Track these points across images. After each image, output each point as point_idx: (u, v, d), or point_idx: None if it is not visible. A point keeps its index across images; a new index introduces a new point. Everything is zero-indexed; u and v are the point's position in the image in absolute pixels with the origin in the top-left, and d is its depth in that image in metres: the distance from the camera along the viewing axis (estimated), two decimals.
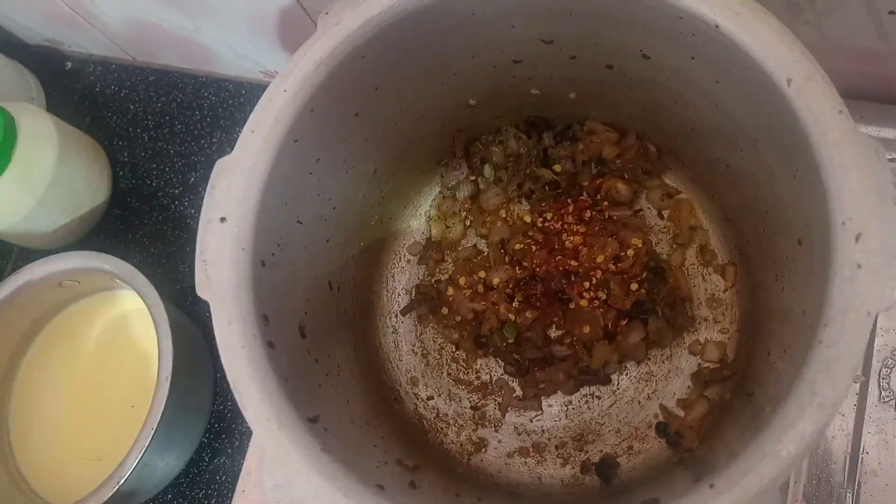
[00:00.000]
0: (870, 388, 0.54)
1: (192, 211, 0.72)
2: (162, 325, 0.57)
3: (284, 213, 0.43)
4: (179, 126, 0.76)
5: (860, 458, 0.53)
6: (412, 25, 0.42)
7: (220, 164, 0.40)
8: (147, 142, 0.77)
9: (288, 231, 0.44)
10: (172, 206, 0.74)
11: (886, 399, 0.54)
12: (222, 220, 0.39)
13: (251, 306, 0.39)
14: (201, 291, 0.39)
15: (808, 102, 0.35)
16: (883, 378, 0.54)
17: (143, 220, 0.74)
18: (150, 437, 0.54)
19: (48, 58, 0.82)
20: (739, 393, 0.47)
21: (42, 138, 0.67)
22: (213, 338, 0.64)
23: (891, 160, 0.56)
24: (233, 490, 0.60)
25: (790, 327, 0.40)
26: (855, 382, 0.54)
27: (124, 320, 0.67)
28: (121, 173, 0.76)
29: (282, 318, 0.42)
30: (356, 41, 0.41)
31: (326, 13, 0.42)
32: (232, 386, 0.37)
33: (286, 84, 0.41)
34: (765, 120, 0.39)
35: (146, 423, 0.54)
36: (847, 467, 0.53)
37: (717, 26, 0.37)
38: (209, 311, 0.38)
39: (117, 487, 0.53)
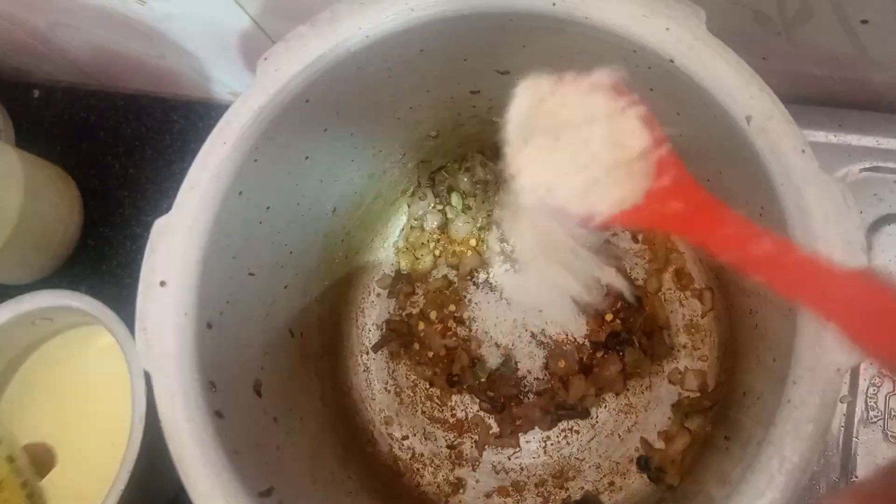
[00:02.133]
0: (857, 409, 0.52)
1: None
2: (134, 363, 0.55)
3: (233, 267, 0.41)
4: (150, 152, 0.75)
5: (849, 481, 0.51)
6: (357, 65, 0.40)
7: (159, 225, 0.39)
8: (118, 169, 0.75)
9: (238, 286, 0.42)
10: (145, 234, 0.71)
11: (874, 419, 0.52)
12: (162, 284, 0.38)
13: (195, 375, 0.37)
14: (143, 362, 0.37)
15: (769, 141, 0.33)
16: (870, 398, 0.52)
17: (117, 250, 0.72)
18: (125, 482, 0.53)
19: (15, 86, 0.80)
20: (720, 429, 0.46)
21: (7, 175, 0.65)
22: None
23: (870, 169, 0.55)
24: None
25: (763, 372, 0.38)
26: (842, 402, 0.52)
27: (100, 356, 0.65)
28: (92, 203, 0.74)
29: (233, 381, 0.40)
30: (298, 86, 0.39)
31: (265, 59, 0.40)
32: (176, 464, 0.35)
33: (225, 136, 0.39)
34: (728, 154, 0.37)
35: (122, 467, 0.53)
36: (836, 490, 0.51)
37: (671, 61, 0.35)
38: None
39: None
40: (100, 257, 0.72)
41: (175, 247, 0.38)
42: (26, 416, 0.64)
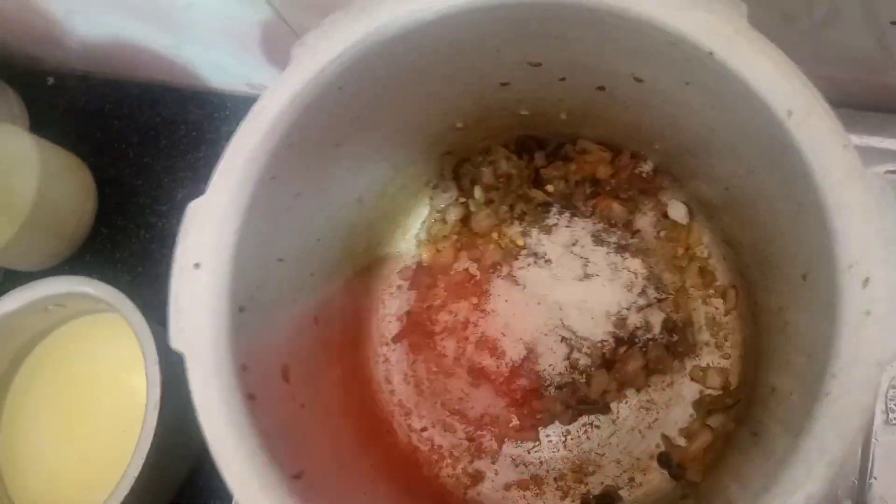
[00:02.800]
0: (876, 411, 0.52)
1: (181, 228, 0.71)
2: (149, 350, 0.56)
3: (263, 252, 0.41)
4: (165, 141, 0.75)
5: (868, 484, 0.51)
6: (391, 54, 0.40)
7: (192, 208, 0.38)
8: (132, 158, 0.75)
9: (268, 271, 0.42)
10: (160, 223, 0.73)
11: (893, 422, 0.52)
12: (196, 266, 0.37)
13: (229, 357, 0.37)
14: (175, 343, 0.37)
15: (810, 137, 0.33)
16: (890, 399, 0.52)
17: (131, 239, 0.73)
18: (139, 469, 0.53)
19: (29, 74, 0.81)
20: (744, 427, 0.46)
21: (24, 162, 0.65)
22: None
23: (892, 171, 0.55)
24: None
25: (795, 368, 0.38)
26: None
27: (112, 344, 0.65)
28: (107, 191, 0.74)
29: (263, 364, 0.40)
30: (332, 73, 0.39)
31: (300, 44, 0.40)
32: (210, 446, 0.35)
33: (260, 121, 0.39)
34: (764, 150, 0.37)
35: (135, 455, 0.53)
36: (855, 493, 0.51)
37: (711, 54, 0.35)
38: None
39: None
40: (113, 246, 0.72)
41: (209, 229, 0.38)
42: (36, 402, 0.64)
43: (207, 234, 0.38)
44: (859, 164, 0.32)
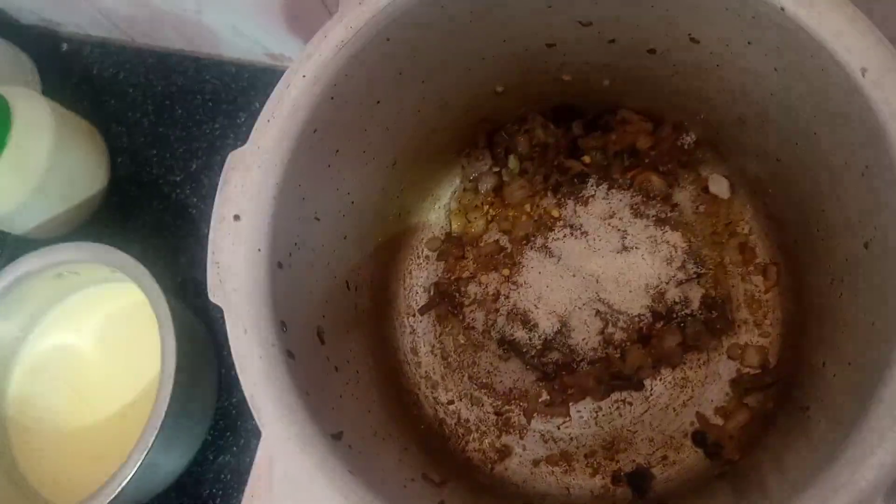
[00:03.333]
0: None
1: (195, 199, 0.69)
2: (164, 319, 0.54)
3: (302, 209, 0.40)
4: (180, 111, 0.73)
5: None
6: (440, 6, 0.39)
7: (234, 157, 0.37)
8: (147, 127, 0.73)
9: (305, 229, 0.41)
10: (173, 194, 0.71)
11: None
12: (236, 217, 0.36)
13: (268, 312, 0.36)
14: (214, 296, 0.36)
15: (886, 94, 0.32)
16: None
17: (143, 209, 0.71)
18: (153, 436, 0.51)
19: (44, 39, 0.79)
20: (786, 404, 0.44)
21: (38, 124, 0.64)
22: (217, 332, 0.62)
23: None
24: (238, 489, 0.58)
25: (852, 337, 0.37)
26: None
27: (125, 313, 0.64)
28: (119, 160, 0.72)
29: (300, 323, 0.39)
30: (381, 22, 0.38)
31: None
32: (249, 401, 0.34)
33: (305, 69, 0.37)
34: (830, 112, 0.36)
35: (149, 422, 0.52)
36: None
37: (782, 9, 0.34)
38: (215, 310, 0.35)
39: (120, 488, 0.51)
40: (125, 216, 0.71)
41: (250, 180, 0.37)
42: (46, 370, 0.63)
43: (248, 184, 0.37)
44: None
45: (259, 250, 0.36)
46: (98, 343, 0.64)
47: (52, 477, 0.61)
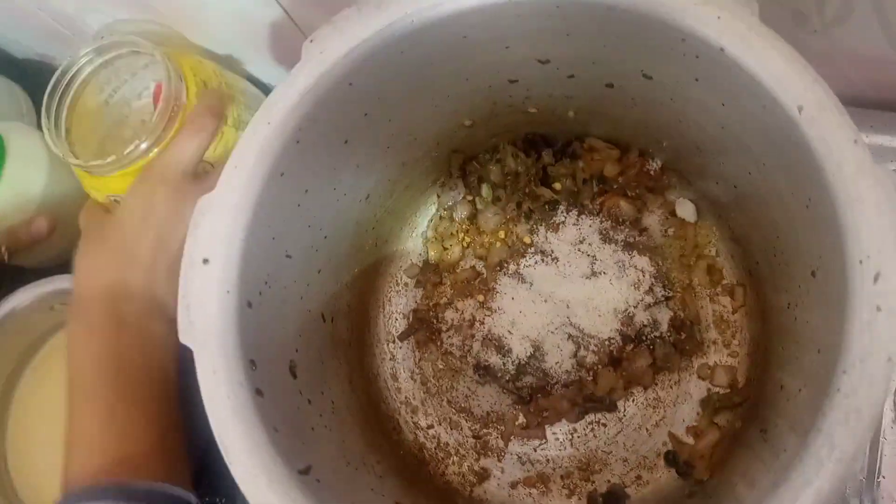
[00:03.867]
0: (885, 410, 0.52)
1: None
2: None
3: (272, 248, 0.41)
4: None
5: (876, 483, 0.51)
6: (401, 50, 0.40)
7: (203, 202, 0.39)
8: None
9: (276, 267, 0.42)
10: None
11: None
12: (205, 261, 0.38)
13: (237, 352, 0.37)
14: (184, 337, 0.37)
15: (822, 132, 0.33)
16: None
17: None
18: None
19: (38, 73, 0.80)
20: (752, 424, 0.45)
21: (32, 158, 0.65)
22: None
23: None
24: None
25: (805, 364, 0.38)
26: None
27: None
28: None
29: (271, 360, 0.40)
30: (342, 69, 0.39)
31: (311, 41, 0.40)
32: (217, 440, 0.35)
33: (270, 116, 0.39)
34: (775, 146, 0.37)
35: None
36: (863, 491, 0.51)
37: (722, 50, 0.35)
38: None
39: None
40: None
41: (219, 225, 0.38)
42: (44, 402, 0.64)
43: (217, 229, 0.38)
44: (870, 160, 0.32)
45: (228, 292, 0.37)
46: None
47: (44, 496, 0.62)
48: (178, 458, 0.47)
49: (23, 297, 0.61)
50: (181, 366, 0.52)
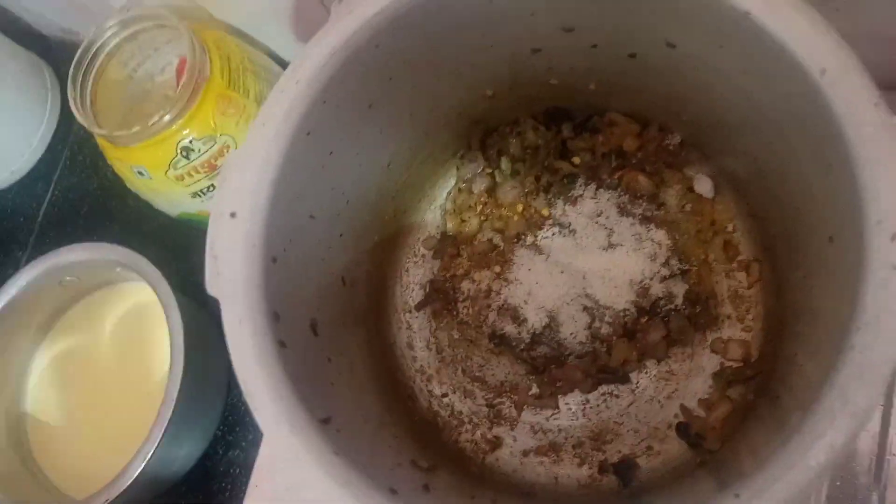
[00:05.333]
0: (892, 416, 0.52)
1: None
2: (173, 317, 0.56)
3: (296, 207, 0.42)
4: None
5: (886, 460, 0.51)
6: (428, 13, 0.41)
7: (230, 158, 0.39)
8: None
9: (300, 226, 0.43)
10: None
11: None
12: (233, 215, 0.38)
13: (262, 304, 0.38)
14: (211, 288, 0.38)
15: (843, 94, 0.33)
16: None
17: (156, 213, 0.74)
18: (162, 431, 0.54)
19: (64, 48, 0.82)
20: (764, 395, 0.46)
21: None
22: None
23: None
24: (246, 483, 0.60)
25: (820, 328, 0.38)
26: None
27: (132, 314, 0.66)
28: None
29: (293, 315, 0.41)
30: (370, 30, 0.40)
31: (340, 1, 0.40)
32: (242, 387, 0.36)
33: (298, 74, 0.40)
34: (797, 112, 0.37)
35: (158, 416, 0.54)
36: (873, 469, 0.51)
37: (747, 14, 0.35)
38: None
39: (130, 481, 0.53)
40: (140, 218, 0.73)
41: (246, 180, 0.39)
42: (59, 374, 0.66)
43: (244, 185, 0.39)
44: (891, 121, 0.32)
45: (254, 246, 0.38)
46: (109, 345, 0.66)
47: (66, 469, 0.63)
48: None
49: (31, 274, 0.61)
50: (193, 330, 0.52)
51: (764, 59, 0.37)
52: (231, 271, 0.38)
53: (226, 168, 0.39)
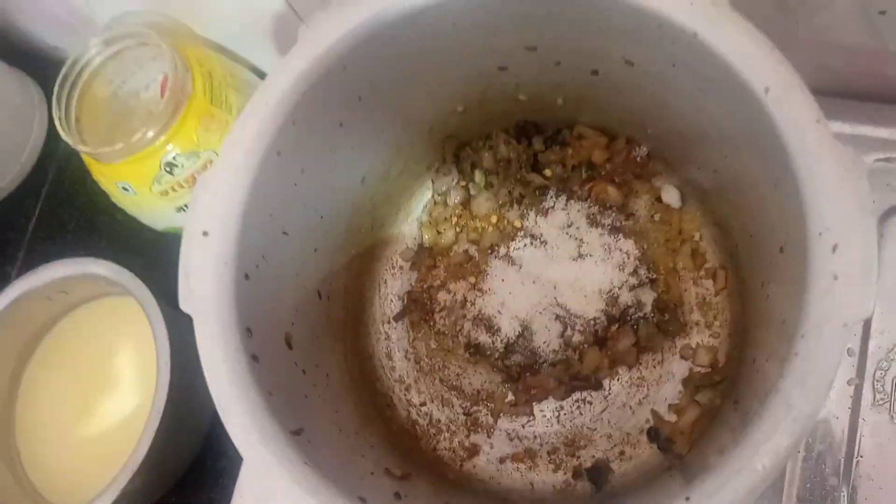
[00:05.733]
0: (864, 392, 0.53)
1: None
2: (160, 330, 0.57)
3: (269, 225, 0.44)
4: None
5: (855, 462, 0.53)
6: (392, 36, 0.42)
7: (203, 178, 0.41)
8: None
9: (273, 243, 0.44)
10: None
11: (881, 402, 0.53)
12: (205, 234, 0.40)
13: (234, 320, 0.39)
14: (184, 305, 0.39)
15: (786, 111, 0.35)
16: (877, 381, 0.53)
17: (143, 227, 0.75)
18: (150, 442, 0.54)
19: (50, 64, 0.82)
20: (728, 399, 0.47)
21: None
22: None
23: (884, 160, 0.56)
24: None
25: (773, 336, 0.40)
26: (849, 385, 0.53)
27: (119, 328, 0.67)
28: None
29: (267, 330, 0.42)
30: (336, 52, 0.41)
31: (306, 25, 0.42)
32: (215, 401, 0.37)
33: (267, 97, 0.41)
34: (745, 128, 0.39)
35: (146, 429, 0.55)
36: (842, 470, 0.52)
37: (695, 34, 0.37)
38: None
39: (118, 492, 0.54)
40: (128, 233, 0.74)
41: (217, 199, 0.40)
42: (49, 388, 0.66)
43: (215, 203, 0.40)
44: (831, 137, 0.33)
45: (225, 263, 0.39)
46: (97, 356, 0.66)
47: (56, 481, 0.64)
48: None
49: (19, 289, 0.61)
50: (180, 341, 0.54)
51: (713, 77, 0.38)
52: (203, 289, 0.39)
53: (198, 187, 0.41)
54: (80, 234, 0.76)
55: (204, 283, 0.39)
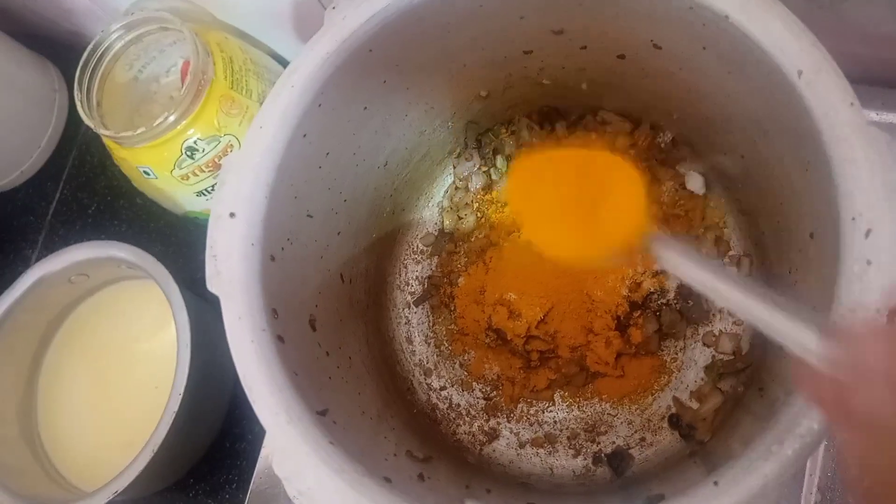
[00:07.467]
0: None
1: None
2: (179, 313, 0.58)
3: (294, 207, 0.44)
4: None
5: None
6: (419, 18, 0.42)
7: (229, 160, 0.41)
8: None
9: (298, 225, 0.44)
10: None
11: None
12: (231, 215, 0.40)
13: (260, 301, 0.39)
14: (211, 286, 0.39)
15: (819, 95, 0.34)
16: None
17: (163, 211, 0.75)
18: (169, 424, 0.55)
19: (71, 49, 0.83)
20: (752, 386, 0.47)
21: None
22: None
23: None
24: (252, 474, 0.61)
25: None
26: None
27: (139, 311, 0.68)
28: None
29: (292, 311, 0.42)
30: (362, 35, 0.41)
31: (333, 7, 0.42)
32: (242, 380, 0.37)
33: (293, 80, 0.41)
34: (776, 112, 0.38)
35: (166, 411, 0.56)
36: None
37: (726, 17, 0.36)
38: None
39: (140, 471, 0.54)
40: (148, 216, 0.75)
41: (244, 182, 0.40)
42: (69, 371, 0.67)
43: (242, 185, 0.40)
44: (864, 121, 0.33)
45: (252, 245, 0.40)
46: (117, 339, 0.67)
47: (76, 461, 0.64)
48: None
49: (40, 271, 0.62)
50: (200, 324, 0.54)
51: (744, 61, 0.38)
52: (230, 270, 0.39)
53: (224, 170, 0.41)
54: (100, 217, 0.77)
55: (231, 264, 0.39)
